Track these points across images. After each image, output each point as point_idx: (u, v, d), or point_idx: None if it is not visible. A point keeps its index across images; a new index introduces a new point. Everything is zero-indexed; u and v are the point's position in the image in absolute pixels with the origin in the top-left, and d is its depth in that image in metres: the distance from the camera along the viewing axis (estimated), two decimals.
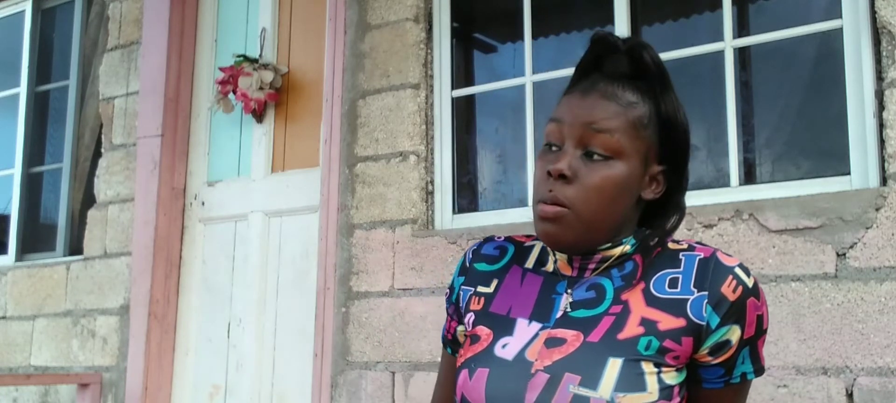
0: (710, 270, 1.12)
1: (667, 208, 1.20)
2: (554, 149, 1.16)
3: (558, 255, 1.20)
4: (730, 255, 1.16)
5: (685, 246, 1.18)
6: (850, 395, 2.22)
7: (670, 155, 1.18)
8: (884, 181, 2.31)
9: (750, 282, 1.13)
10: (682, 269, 1.14)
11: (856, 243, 2.26)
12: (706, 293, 1.11)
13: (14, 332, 4.19)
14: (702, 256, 1.14)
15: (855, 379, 2.22)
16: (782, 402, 2.30)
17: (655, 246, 1.18)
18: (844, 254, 2.27)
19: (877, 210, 2.24)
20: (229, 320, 3.65)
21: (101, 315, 3.87)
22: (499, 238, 1.32)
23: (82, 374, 3.79)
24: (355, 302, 3.13)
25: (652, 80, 1.17)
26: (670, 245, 1.19)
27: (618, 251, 1.17)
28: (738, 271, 1.13)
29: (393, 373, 3.01)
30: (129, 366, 3.67)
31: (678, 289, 1.13)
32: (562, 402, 1.08)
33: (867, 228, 2.25)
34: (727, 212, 2.46)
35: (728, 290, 1.11)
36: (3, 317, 4.26)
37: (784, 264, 2.35)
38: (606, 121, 1.13)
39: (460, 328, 1.31)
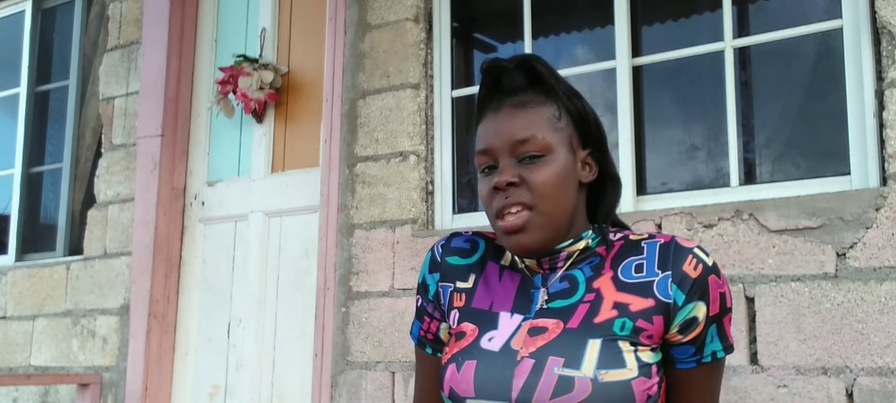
0: (671, 252, 1.20)
1: (605, 186, 1.29)
2: (488, 170, 1.25)
3: (527, 259, 1.27)
4: (688, 239, 1.24)
5: (646, 235, 1.26)
6: (850, 395, 2.22)
7: (590, 138, 1.27)
8: (884, 181, 2.31)
9: (709, 261, 1.21)
10: (645, 255, 1.22)
11: (856, 243, 2.26)
12: (669, 273, 1.19)
13: (14, 332, 4.19)
14: (662, 242, 1.23)
15: (855, 379, 2.22)
16: (782, 402, 2.30)
17: (618, 239, 1.26)
18: (844, 254, 2.27)
19: (877, 210, 2.24)
20: (229, 320, 3.65)
21: (101, 315, 3.88)
22: (466, 232, 1.38)
23: (82, 374, 3.79)
24: (355, 302, 3.13)
25: (546, 82, 1.26)
26: (631, 236, 1.26)
27: (581, 245, 1.25)
28: (698, 251, 1.21)
29: (393, 373, 3.00)
30: (129, 366, 3.67)
31: (644, 273, 1.21)
32: (548, 384, 1.14)
33: (867, 228, 2.25)
34: (727, 212, 2.46)
35: (689, 268, 1.19)
36: (3, 317, 4.26)
37: (784, 264, 2.35)
38: (527, 128, 1.22)
39: (444, 325, 1.35)
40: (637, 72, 2.86)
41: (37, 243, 4.43)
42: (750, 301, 2.39)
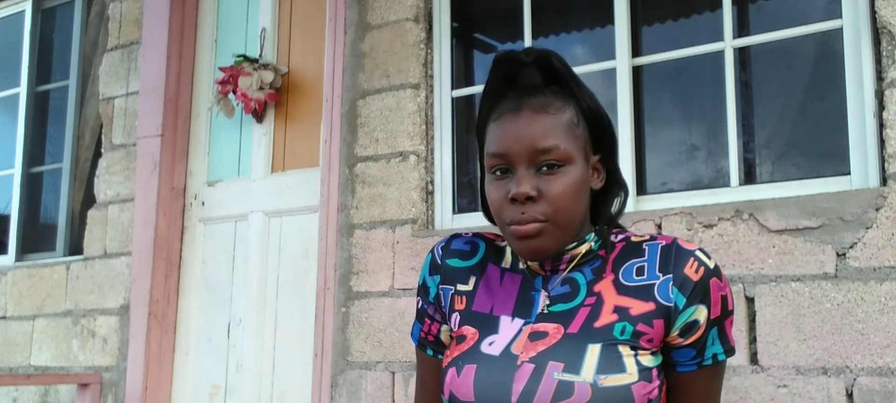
0: (673, 255, 1.19)
1: (610, 191, 1.27)
2: (501, 173, 1.20)
3: (530, 261, 1.25)
4: (690, 241, 1.23)
5: (647, 237, 1.24)
6: (850, 395, 2.22)
7: (602, 143, 1.25)
8: (884, 181, 2.31)
9: (711, 264, 1.19)
10: (646, 258, 1.21)
11: (856, 243, 2.26)
12: (671, 275, 1.18)
13: (14, 332, 4.19)
14: (664, 244, 1.21)
15: (855, 379, 2.22)
16: (782, 402, 2.30)
17: (619, 241, 1.25)
18: (844, 254, 2.27)
19: (877, 210, 2.24)
20: (229, 320, 3.65)
21: (101, 315, 3.88)
22: (466, 233, 1.36)
23: (82, 374, 3.79)
24: (355, 302, 3.13)
25: (565, 82, 1.22)
26: (633, 238, 1.25)
27: (584, 248, 1.24)
28: (699, 254, 1.19)
29: (393, 373, 3.00)
30: (129, 366, 3.67)
31: (645, 276, 1.20)
32: (548, 389, 1.13)
33: (867, 228, 2.25)
34: (727, 212, 2.46)
35: (690, 271, 1.17)
36: (3, 317, 4.26)
37: (784, 264, 2.35)
38: (549, 137, 1.17)
39: (444, 328, 1.34)
40: (637, 72, 2.86)
41: (37, 243, 4.43)
42: (750, 301, 2.39)
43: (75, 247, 4.18)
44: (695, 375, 1.21)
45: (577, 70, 2.93)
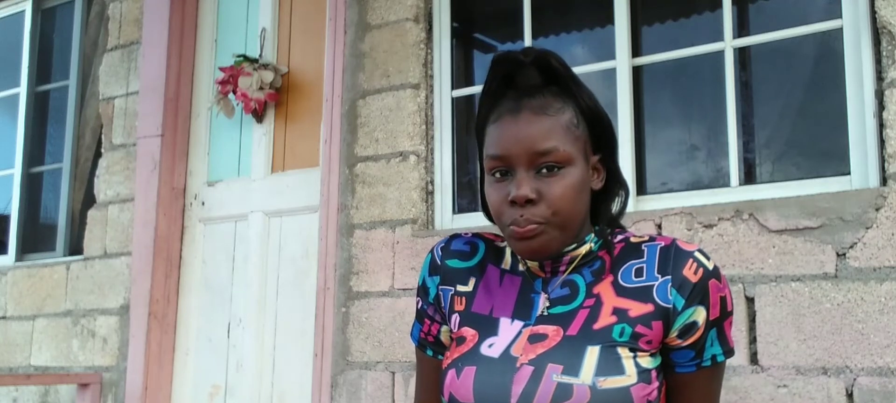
0: (671, 256, 1.19)
1: (610, 191, 1.27)
2: (500, 175, 1.20)
3: (529, 262, 1.25)
4: (689, 243, 1.23)
5: (646, 238, 1.24)
6: (850, 395, 2.22)
7: (602, 142, 1.24)
8: (884, 181, 2.31)
9: (710, 265, 1.19)
10: (645, 259, 1.21)
11: (856, 243, 2.26)
12: (669, 277, 1.18)
13: (14, 332, 4.19)
14: (662, 245, 1.21)
15: (855, 379, 2.22)
16: (782, 402, 2.30)
17: (619, 242, 1.24)
18: (844, 254, 2.27)
19: (877, 210, 2.24)
20: (229, 320, 3.65)
21: (101, 315, 3.88)
22: (466, 234, 1.36)
23: (82, 374, 3.79)
24: (355, 302, 3.13)
25: (564, 82, 1.22)
26: (632, 239, 1.24)
27: (583, 250, 1.23)
28: (698, 255, 1.19)
29: (393, 373, 3.00)
30: (129, 366, 3.67)
31: (643, 277, 1.19)
32: (547, 391, 1.13)
33: (867, 228, 2.25)
34: (727, 212, 2.46)
35: (689, 273, 1.17)
36: (3, 317, 4.26)
37: (784, 264, 2.35)
38: (548, 139, 1.17)
39: (444, 328, 1.34)
40: (637, 72, 2.86)
41: (37, 243, 4.43)
42: (750, 301, 2.39)
43: (75, 247, 4.18)
44: (694, 376, 1.21)
45: (577, 70, 2.93)
